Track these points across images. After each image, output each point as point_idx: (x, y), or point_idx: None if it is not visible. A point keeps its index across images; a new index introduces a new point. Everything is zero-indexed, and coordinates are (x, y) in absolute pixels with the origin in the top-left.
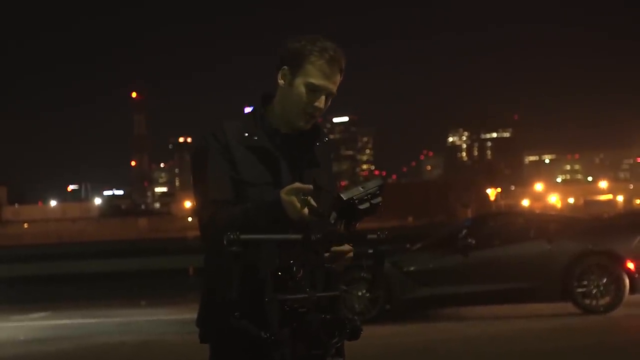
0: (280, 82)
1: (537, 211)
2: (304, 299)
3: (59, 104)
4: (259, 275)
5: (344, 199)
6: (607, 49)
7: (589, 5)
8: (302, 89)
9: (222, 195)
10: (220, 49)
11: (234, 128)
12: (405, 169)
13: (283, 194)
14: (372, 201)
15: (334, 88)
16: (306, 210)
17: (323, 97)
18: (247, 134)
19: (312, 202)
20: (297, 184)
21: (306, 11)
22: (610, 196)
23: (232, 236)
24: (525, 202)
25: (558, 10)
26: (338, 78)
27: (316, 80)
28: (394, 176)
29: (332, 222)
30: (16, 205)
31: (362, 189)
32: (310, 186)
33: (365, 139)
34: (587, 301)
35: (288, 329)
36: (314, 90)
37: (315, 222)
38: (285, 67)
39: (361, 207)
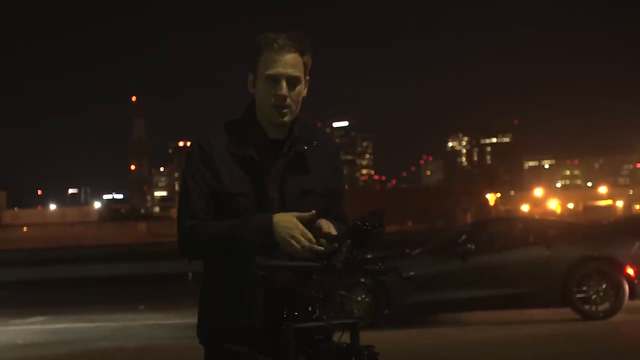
0: (251, 90)
1: (537, 216)
2: (320, 327)
3: (59, 108)
4: (277, 302)
5: (359, 224)
6: (608, 54)
7: (590, 11)
8: (263, 85)
9: (202, 206)
10: (220, 54)
11: (220, 137)
12: (405, 174)
13: (282, 232)
14: (379, 228)
15: (292, 71)
16: (307, 244)
17: (284, 83)
18: (232, 143)
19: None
20: (297, 214)
21: (306, 16)
22: (609, 202)
23: (261, 261)
24: (525, 208)
25: (558, 15)
26: (295, 61)
27: (269, 70)
28: (394, 181)
29: (345, 249)
30: (15, 209)
31: (368, 217)
32: (313, 212)
33: (365, 143)
34: (587, 307)
35: (304, 357)
36: (272, 80)
37: (332, 250)
38: (250, 74)
39: (373, 232)
